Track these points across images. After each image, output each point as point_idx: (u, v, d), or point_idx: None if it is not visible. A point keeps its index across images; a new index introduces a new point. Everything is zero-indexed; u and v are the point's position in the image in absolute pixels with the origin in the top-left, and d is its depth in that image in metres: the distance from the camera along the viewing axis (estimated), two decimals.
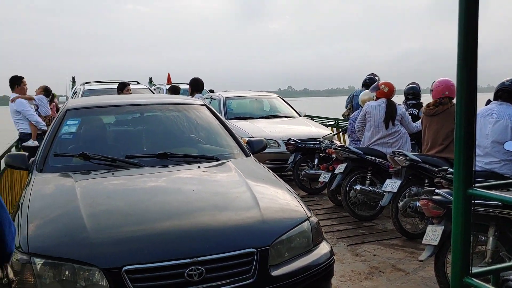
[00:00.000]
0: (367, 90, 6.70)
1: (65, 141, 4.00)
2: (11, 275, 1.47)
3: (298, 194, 7.02)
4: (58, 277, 2.47)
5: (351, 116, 7.03)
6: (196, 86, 7.31)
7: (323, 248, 3.01)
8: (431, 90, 5.27)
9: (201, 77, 7.46)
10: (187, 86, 14.61)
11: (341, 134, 9.36)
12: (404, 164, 5.06)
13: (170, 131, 4.36)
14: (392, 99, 6.10)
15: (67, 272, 2.47)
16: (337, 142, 7.00)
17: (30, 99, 7.36)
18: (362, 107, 6.55)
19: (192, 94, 7.27)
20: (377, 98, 6.14)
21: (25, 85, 7.16)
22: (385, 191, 5.19)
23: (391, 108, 5.95)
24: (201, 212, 2.90)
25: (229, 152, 4.08)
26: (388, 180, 5.21)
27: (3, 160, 5.19)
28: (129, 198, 3.11)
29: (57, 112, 13.77)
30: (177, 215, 2.87)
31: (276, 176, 3.64)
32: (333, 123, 10.51)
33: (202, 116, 4.55)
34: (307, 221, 2.99)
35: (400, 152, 5.19)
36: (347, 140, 8.15)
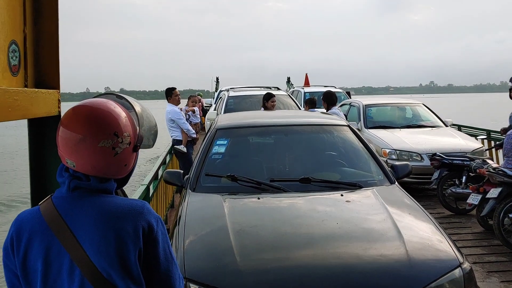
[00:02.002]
0: None
1: (214, 161, 4.26)
2: None
3: (442, 213, 6.69)
4: None
5: (509, 133, 6.38)
6: (331, 100, 7.61)
7: None
8: None
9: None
10: (323, 88, 14.69)
11: (493, 150, 8.54)
12: None
13: (313, 153, 4.40)
14: None
15: None
16: (490, 162, 6.40)
17: (192, 111, 8.22)
18: None
19: (328, 108, 7.51)
20: None
21: (176, 95, 7.80)
22: None
23: None
24: (345, 249, 2.88)
25: (373, 178, 3.98)
26: None
27: (160, 171, 5.74)
28: (274, 227, 3.19)
29: (202, 110, 14.73)
30: (321, 250, 2.88)
31: (424, 210, 3.45)
32: (485, 136, 9.63)
33: (345, 137, 4.51)
34: (459, 268, 2.78)
35: None
36: (501, 157, 7.43)
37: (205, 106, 18.43)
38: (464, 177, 6.78)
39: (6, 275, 1.48)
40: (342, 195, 3.60)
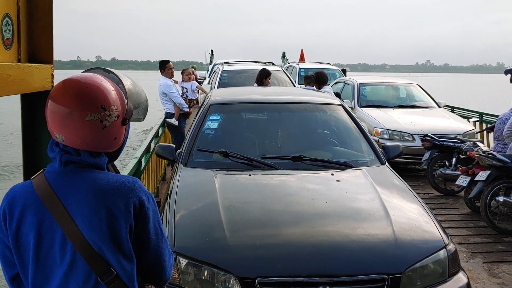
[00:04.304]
0: None
1: (207, 136, 4.27)
2: None
3: (430, 193, 6.78)
4: (199, 277, 2.69)
5: (500, 116, 6.43)
6: (322, 79, 7.87)
7: (459, 280, 2.84)
8: None
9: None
10: (318, 65, 14.67)
11: (485, 132, 8.60)
12: None
13: (305, 131, 4.42)
14: None
15: (206, 273, 2.68)
16: (480, 145, 6.46)
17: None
18: None
19: (319, 87, 7.71)
20: None
21: (169, 68, 7.72)
22: None
23: None
24: (333, 227, 2.93)
25: (364, 159, 4.01)
26: None
27: (152, 144, 5.75)
28: (264, 204, 3.23)
29: (196, 81, 14.72)
30: (309, 228, 2.93)
31: (413, 191, 3.50)
32: (477, 118, 9.68)
33: (338, 116, 4.52)
34: (444, 249, 2.85)
35: None
36: (491, 140, 7.50)
37: (199, 79, 18.31)
38: (454, 159, 6.85)
39: None
40: (332, 174, 3.64)
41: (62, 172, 1.46)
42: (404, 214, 3.15)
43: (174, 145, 4.21)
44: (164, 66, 7.65)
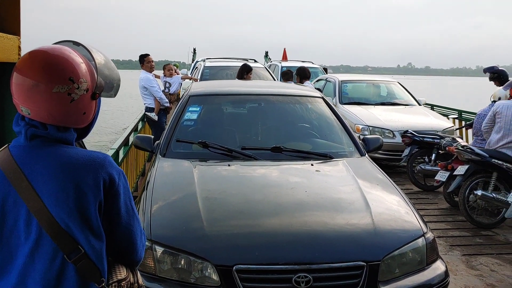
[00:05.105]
0: (501, 88, 6.11)
1: (186, 127, 4.21)
2: (140, 281, 1.60)
3: (410, 189, 6.82)
4: (175, 265, 2.64)
5: (478, 113, 6.50)
6: (304, 74, 7.97)
7: (438, 268, 2.85)
8: None
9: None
10: (301, 64, 14.72)
11: (464, 129, 8.70)
12: None
13: (285, 123, 4.39)
14: None
15: (183, 262, 2.63)
16: (459, 140, 6.53)
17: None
18: (492, 104, 6.02)
19: (301, 82, 7.80)
20: (511, 97, 5.58)
21: (148, 61, 7.61)
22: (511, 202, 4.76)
23: None
24: (312, 217, 2.90)
25: (344, 150, 4.00)
26: None
27: (131, 137, 5.66)
28: (243, 194, 3.20)
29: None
30: (288, 218, 2.89)
31: (392, 182, 3.50)
32: (456, 115, 9.81)
33: (319, 109, 4.51)
34: (422, 237, 2.85)
35: None
36: (470, 137, 7.59)
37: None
38: (433, 155, 6.89)
39: None
40: (312, 165, 3.61)
41: (28, 146, 1.40)
42: (384, 203, 3.14)
43: (152, 136, 4.14)
44: (143, 60, 7.56)
